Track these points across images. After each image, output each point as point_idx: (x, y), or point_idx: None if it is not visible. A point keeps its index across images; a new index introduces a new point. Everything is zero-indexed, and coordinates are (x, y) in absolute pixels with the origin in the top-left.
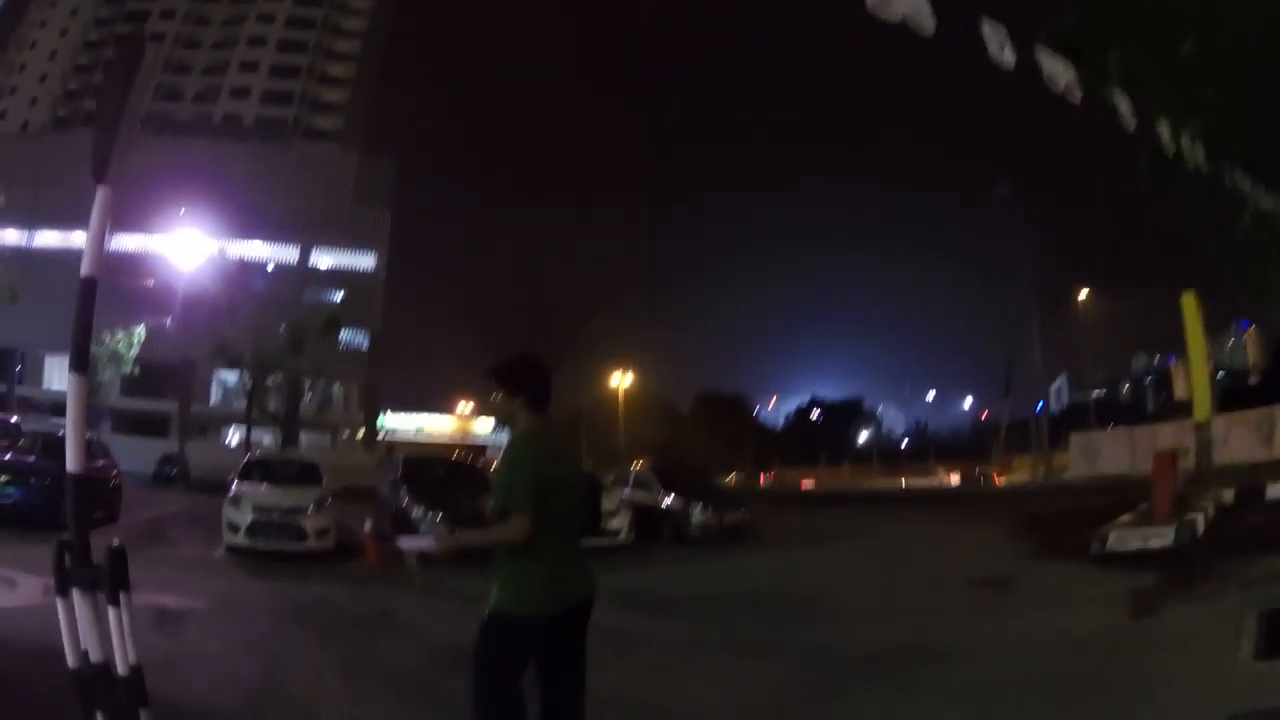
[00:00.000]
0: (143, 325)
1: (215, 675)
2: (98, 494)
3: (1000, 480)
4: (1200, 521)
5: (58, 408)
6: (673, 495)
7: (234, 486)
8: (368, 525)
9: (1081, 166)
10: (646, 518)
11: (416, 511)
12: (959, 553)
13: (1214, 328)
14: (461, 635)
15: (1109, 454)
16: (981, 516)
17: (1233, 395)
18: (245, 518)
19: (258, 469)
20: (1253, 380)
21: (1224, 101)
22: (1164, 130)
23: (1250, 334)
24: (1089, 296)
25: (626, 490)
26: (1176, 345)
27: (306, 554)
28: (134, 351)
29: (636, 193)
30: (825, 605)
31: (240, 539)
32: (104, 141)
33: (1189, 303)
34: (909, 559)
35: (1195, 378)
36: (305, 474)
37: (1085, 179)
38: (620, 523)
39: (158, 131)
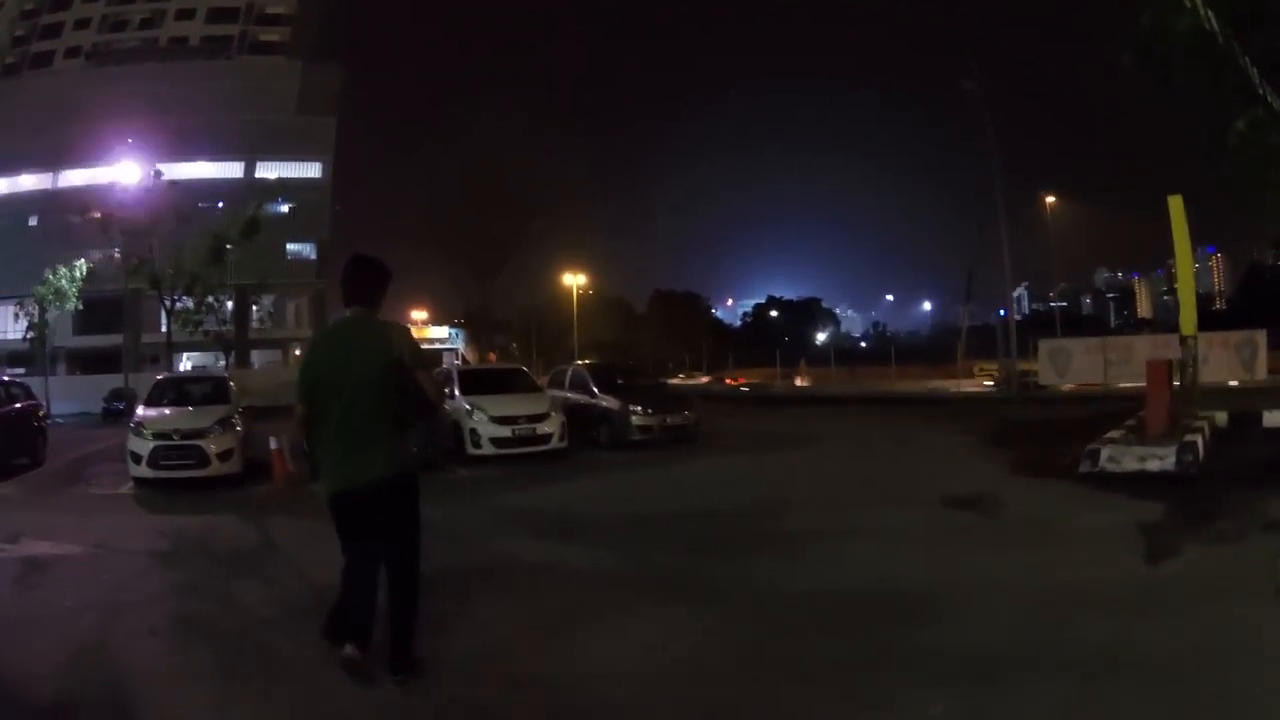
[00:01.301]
0: (84, 260)
1: (53, 637)
2: (17, 438)
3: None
4: (1200, 445)
5: (14, 355)
6: (609, 397)
7: (138, 412)
8: (273, 443)
9: (1054, 64)
10: (583, 421)
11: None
12: (929, 463)
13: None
14: (331, 576)
15: (1080, 364)
16: (948, 420)
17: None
18: (146, 446)
19: (165, 392)
20: (1217, 306)
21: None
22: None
23: (1216, 260)
24: (1054, 204)
25: (560, 392)
26: (1140, 262)
27: (212, 479)
28: (76, 287)
29: (592, 97)
30: (772, 529)
31: (144, 469)
32: None
33: (1176, 205)
34: (873, 470)
35: (1182, 286)
36: (213, 393)
37: (1056, 79)
38: (551, 427)
39: (102, 63)
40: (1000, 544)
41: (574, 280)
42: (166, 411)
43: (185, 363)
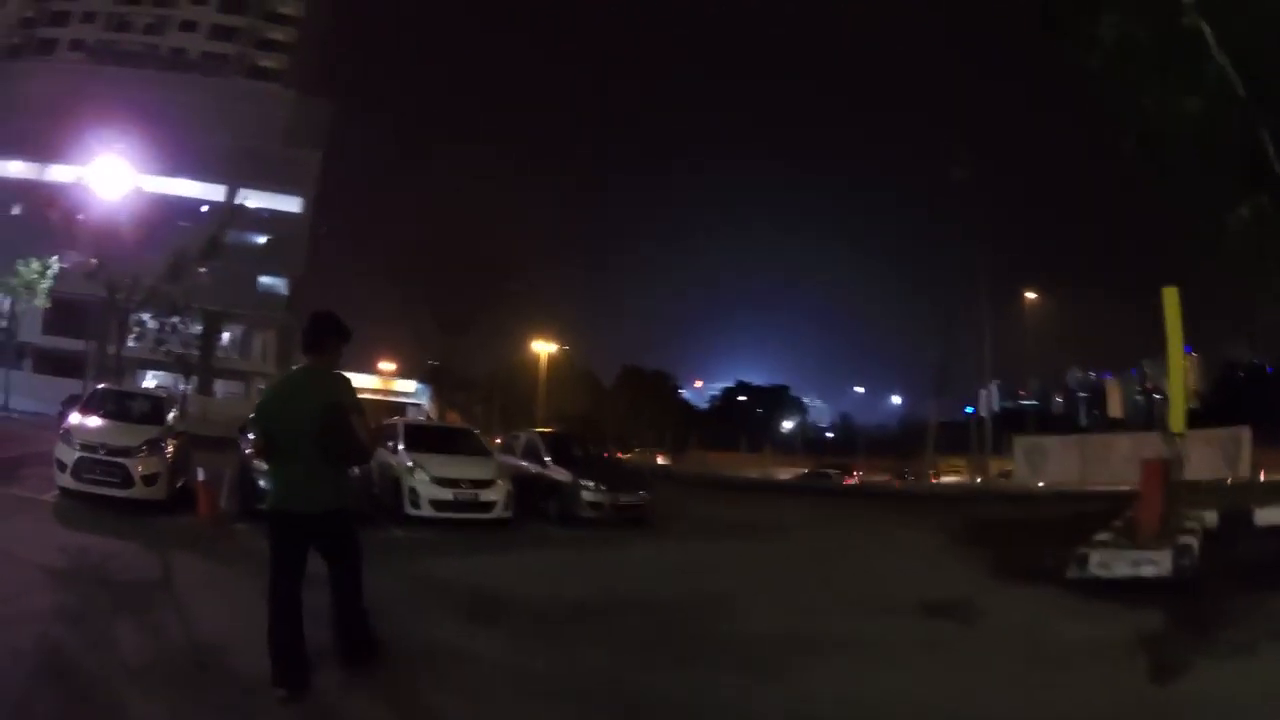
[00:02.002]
0: (57, 257)
1: None
2: None
3: (935, 479)
4: (1194, 546)
5: None
6: (560, 468)
7: (69, 419)
8: (200, 474)
9: (1039, 152)
10: (532, 491)
11: (258, 464)
12: (900, 562)
13: (1153, 350)
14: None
15: (1056, 462)
16: (919, 516)
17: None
18: (72, 455)
19: (101, 402)
20: (1192, 405)
21: (1229, 80)
22: (1155, 106)
23: (1190, 359)
24: (1032, 300)
25: (512, 459)
26: (1112, 362)
27: (135, 501)
28: (46, 284)
29: (574, 166)
30: (726, 632)
31: (67, 479)
32: None
33: (1171, 297)
34: (841, 567)
35: (1173, 382)
36: (150, 412)
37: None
38: (496, 495)
39: (101, 61)
40: (986, 660)
41: (543, 348)
42: (98, 423)
43: (149, 380)
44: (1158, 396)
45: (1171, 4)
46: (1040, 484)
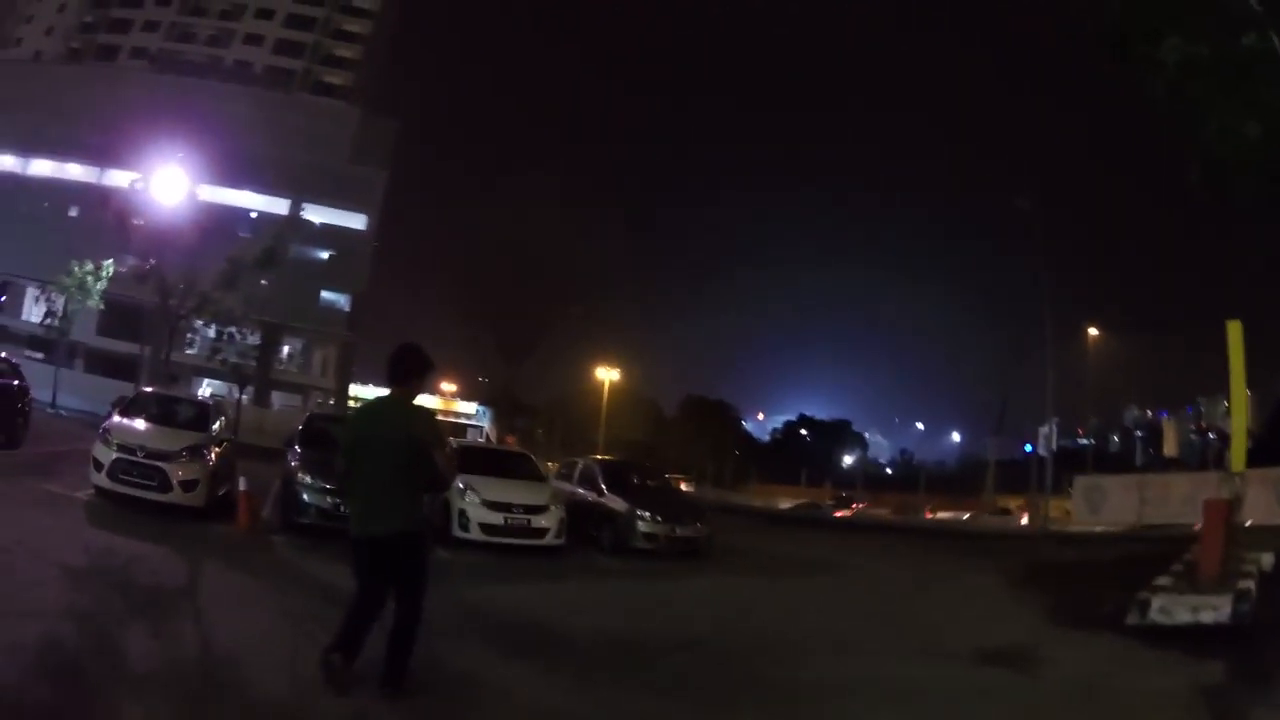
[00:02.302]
0: (112, 260)
1: None
2: None
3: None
4: (1253, 591)
5: (34, 340)
6: (616, 497)
7: (110, 419)
8: (242, 483)
9: (1101, 186)
10: (586, 519)
11: (302, 477)
12: (958, 605)
13: (1210, 388)
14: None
15: (1115, 502)
16: (977, 557)
17: (1223, 458)
18: (109, 455)
19: (144, 405)
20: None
21: None
22: (1218, 132)
23: (1246, 396)
24: (1094, 337)
25: (567, 485)
26: (1169, 400)
27: (172, 506)
28: (101, 285)
29: (642, 191)
30: (778, 676)
31: (103, 479)
32: None
33: (1235, 332)
34: (897, 609)
35: (1235, 419)
36: (194, 418)
37: (1100, 201)
38: (549, 521)
39: (164, 70)
40: (1046, 711)
41: (606, 375)
42: (139, 425)
43: (205, 388)
44: (1212, 436)
45: (1233, 24)
46: (1099, 528)
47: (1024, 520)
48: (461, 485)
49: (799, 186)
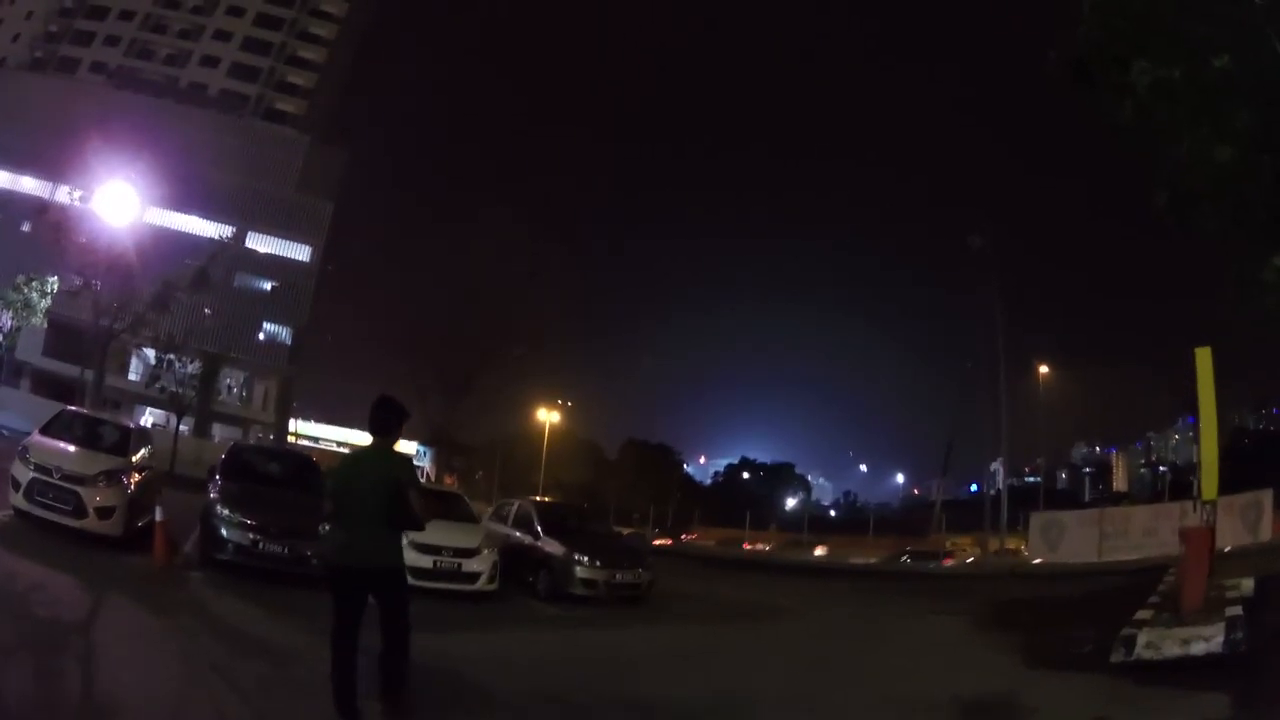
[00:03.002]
0: (56, 278)
1: None
2: None
3: (949, 560)
4: (1242, 617)
5: None
6: (553, 540)
7: (30, 437)
8: (158, 513)
9: (1044, 233)
10: (522, 564)
11: (221, 510)
12: (926, 649)
13: (1157, 423)
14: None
15: (1074, 537)
16: (934, 597)
17: (1177, 489)
18: (26, 474)
19: (66, 425)
20: (1193, 477)
21: (1261, 126)
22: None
23: (1196, 428)
24: (1043, 375)
25: (502, 527)
26: (1117, 435)
27: (86, 533)
28: (44, 304)
29: (590, 233)
30: None
31: (20, 500)
32: None
33: (1204, 358)
34: (861, 655)
35: (1205, 447)
36: (116, 441)
37: (1048, 248)
38: (480, 565)
39: (121, 86)
40: None
41: (547, 417)
42: (58, 445)
43: (146, 417)
44: (1163, 469)
45: (1204, 47)
46: (1057, 560)
47: (970, 559)
48: None
49: (743, 231)
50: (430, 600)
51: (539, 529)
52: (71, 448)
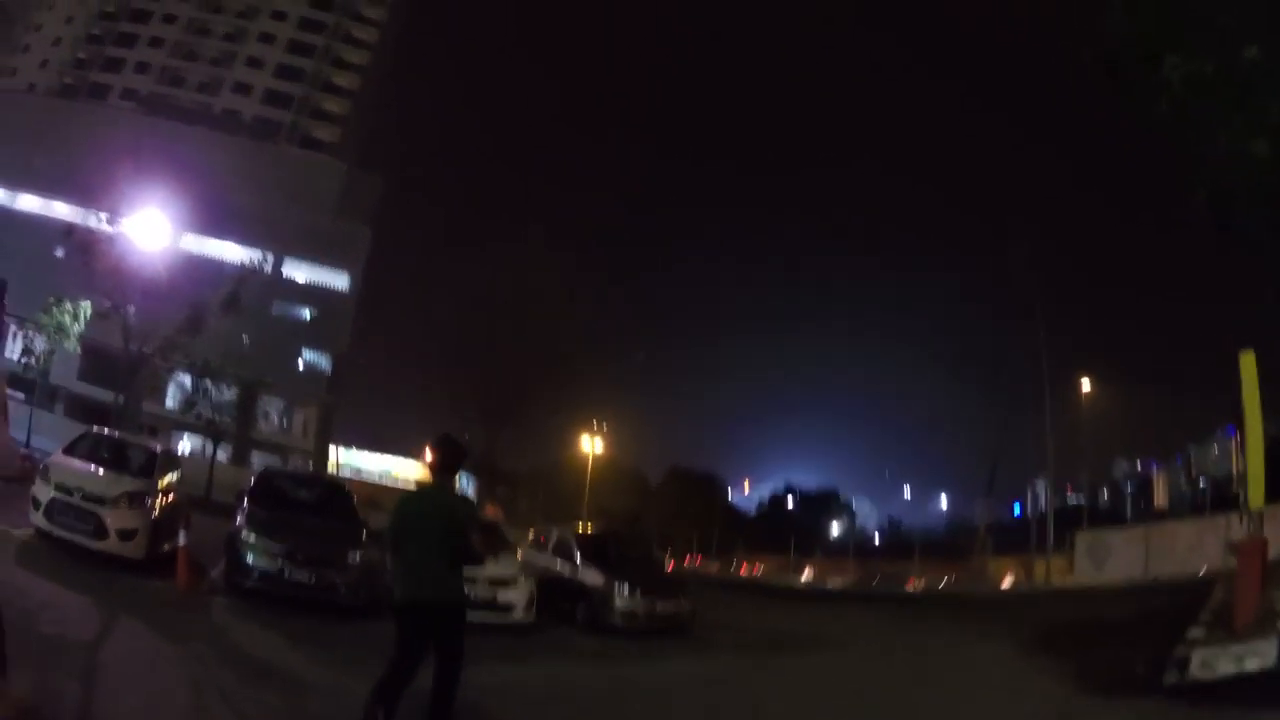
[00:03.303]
0: (89, 301)
1: None
2: None
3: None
4: None
5: (15, 379)
6: (593, 570)
7: (52, 456)
8: (182, 538)
9: (1081, 251)
10: (560, 594)
11: (247, 536)
12: (976, 678)
13: (1197, 435)
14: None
15: (1120, 555)
16: (984, 623)
17: (1218, 503)
18: (46, 494)
19: (91, 446)
20: (1236, 489)
21: None
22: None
23: (1236, 440)
24: (1087, 391)
25: (541, 556)
26: (1157, 451)
27: (108, 555)
28: (78, 328)
29: (625, 260)
30: None
31: (40, 519)
32: None
33: (1248, 363)
34: (910, 686)
35: (1252, 454)
36: (141, 464)
37: (1084, 264)
38: (516, 596)
39: (151, 113)
40: None
41: (591, 444)
42: (81, 465)
43: (184, 444)
44: (1203, 484)
45: (1234, 38)
46: (1113, 579)
47: (1005, 584)
48: None
49: (786, 253)
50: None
51: (578, 557)
52: (94, 468)
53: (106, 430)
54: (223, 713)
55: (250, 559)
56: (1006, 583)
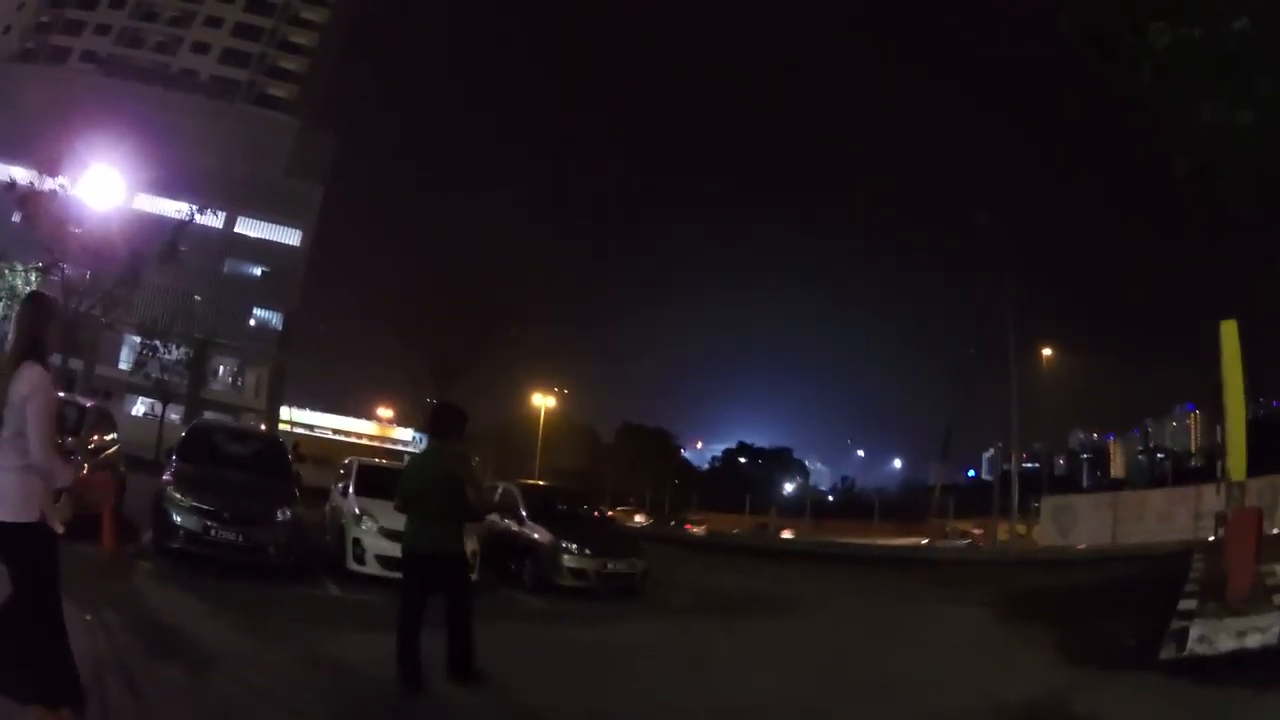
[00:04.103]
0: (39, 264)
1: None
2: None
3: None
4: None
5: None
6: (540, 527)
7: None
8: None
9: (1054, 201)
10: (505, 552)
11: (173, 494)
12: (951, 647)
13: (1157, 411)
14: None
15: (1087, 522)
16: (947, 585)
17: (1180, 476)
18: None
19: None
20: (1194, 463)
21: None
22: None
23: (1194, 417)
24: (1050, 356)
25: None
26: (1115, 423)
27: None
28: (28, 289)
29: (582, 220)
30: None
31: None
32: None
33: (1229, 332)
34: (881, 655)
35: (1233, 424)
36: (66, 420)
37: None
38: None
39: (110, 73)
40: None
41: (543, 401)
42: None
43: (138, 406)
44: (1160, 455)
45: (1223, 8)
46: (1081, 545)
47: (965, 543)
48: (358, 510)
49: (743, 216)
50: (398, 592)
51: (524, 514)
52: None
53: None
54: (118, 690)
55: (176, 518)
56: (965, 545)
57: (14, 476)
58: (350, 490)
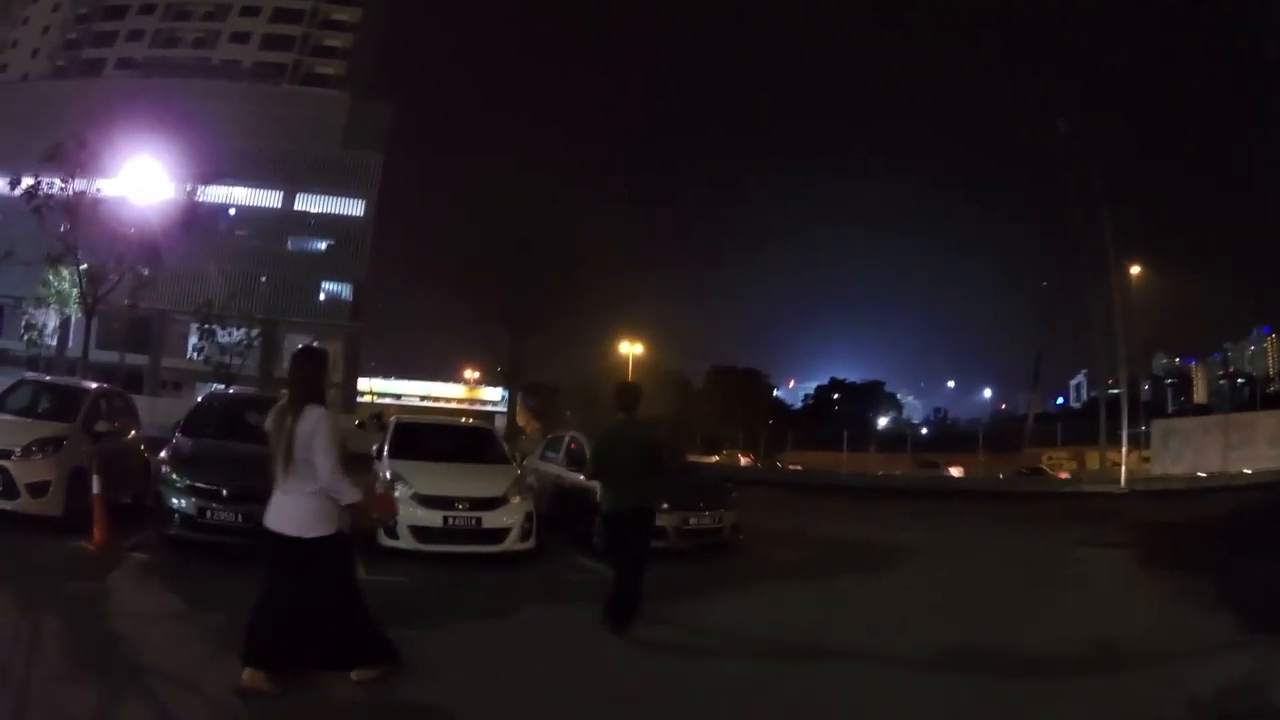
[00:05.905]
0: (85, 266)
1: None
2: None
3: (1064, 475)
4: None
5: (32, 362)
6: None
7: None
8: (95, 486)
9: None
10: (571, 511)
11: (169, 474)
12: (1101, 605)
13: (1234, 333)
14: None
15: (1198, 447)
16: (1065, 522)
17: (1268, 400)
18: None
19: (18, 394)
20: (1274, 388)
21: None
22: None
23: (1271, 340)
24: (1139, 275)
25: (551, 467)
26: (1195, 347)
27: (24, 516)
28: (77, 291)
29: (660, 161)
30: None
31: None
32: None
33: None
34: (1022, 621)
35: None
36: (57, 407)
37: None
38: (508, 519)
39: (150, 74)
40: None
41: (630, 349)
42: None
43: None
44: (1240, 380)
45: None
46: (1181, 472)
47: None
48: (389, 475)
49: (825, 155)
50: (441, 569)
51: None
52: (8, 417)
53: (43, 376)
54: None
55: (172, 502)
56: (1068, 475)
57: (308, 500)
58: (385, 453)
